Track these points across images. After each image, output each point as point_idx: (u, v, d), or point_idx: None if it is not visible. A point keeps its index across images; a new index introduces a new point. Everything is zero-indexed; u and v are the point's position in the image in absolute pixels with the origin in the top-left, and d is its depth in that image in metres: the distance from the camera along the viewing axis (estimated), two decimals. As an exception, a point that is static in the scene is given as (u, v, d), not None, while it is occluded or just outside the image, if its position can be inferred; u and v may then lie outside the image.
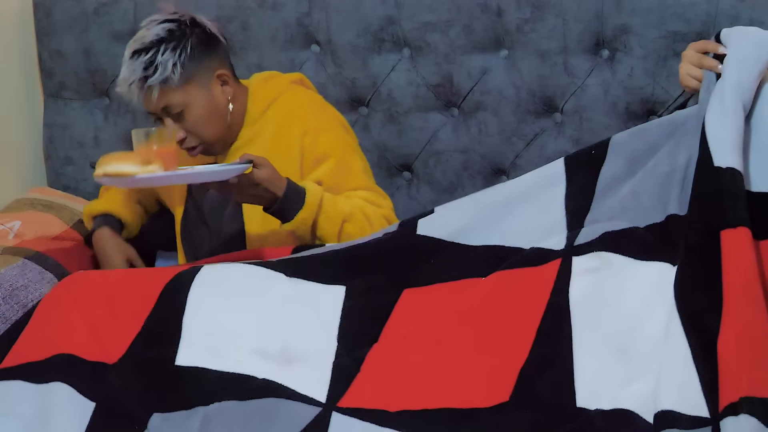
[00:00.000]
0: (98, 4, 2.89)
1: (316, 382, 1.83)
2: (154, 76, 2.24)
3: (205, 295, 1.97)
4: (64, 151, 2.99)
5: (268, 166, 2.16)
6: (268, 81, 2.44)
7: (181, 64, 2.26)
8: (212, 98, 2.32)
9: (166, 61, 2.25)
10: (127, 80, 2.26)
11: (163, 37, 2.27)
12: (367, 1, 2.69)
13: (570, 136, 2.61)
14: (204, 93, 2.31)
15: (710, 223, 1.69)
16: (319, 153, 2.35)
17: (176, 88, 2.27)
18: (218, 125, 2.34)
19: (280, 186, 2.19)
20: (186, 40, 2.28)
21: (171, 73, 2.25)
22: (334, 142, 2.38)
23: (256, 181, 2.14)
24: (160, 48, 2.25)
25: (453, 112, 2.70)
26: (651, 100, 2.54)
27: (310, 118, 2.39)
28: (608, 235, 1.84)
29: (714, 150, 1.74)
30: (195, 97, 2.29)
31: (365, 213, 2.29)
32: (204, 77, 2.30)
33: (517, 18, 2.59)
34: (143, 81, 2.25)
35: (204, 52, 2.30)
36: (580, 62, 2.58)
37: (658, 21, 2.50)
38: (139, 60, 2.25)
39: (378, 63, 2.72)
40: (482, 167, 2.69)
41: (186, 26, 2.30)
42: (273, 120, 2.38)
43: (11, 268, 2.38)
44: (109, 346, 1.94)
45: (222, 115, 2.34)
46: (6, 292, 2.29)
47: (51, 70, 2.97)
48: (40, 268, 2.43)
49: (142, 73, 2.25)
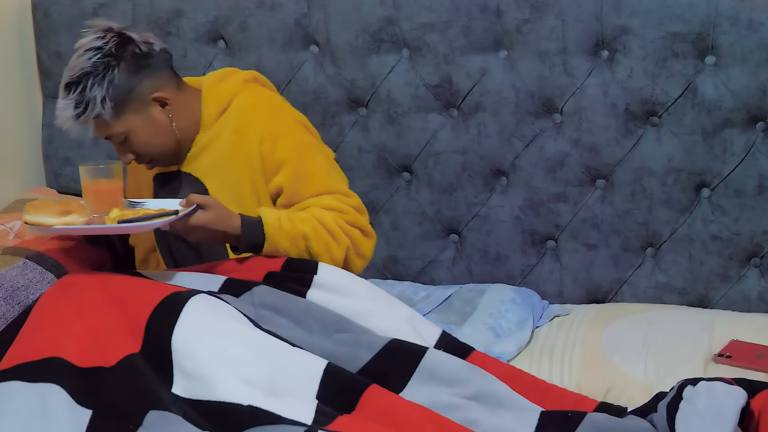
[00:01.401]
0: (97, 5, 2.88)
1: (301, 411, 1.82)
2: (86, 114, 2.18)
3: (197, 322, 1.92)
4: (63, 152, 2.99)
5: (214, 207, 2.12)
6: (222, 82, 2.36)
7: (110, 98, 2.17)
8: (153, 121, 2.25)
9: (94, 96, 2.17)
10: (62, 116, 2.21)
11: (89, 71, 2.18)
12: (366, 2, 2.69)
13: (569, 137, 2.61)
14: (142, 119, 2.24)
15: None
16: (276, 160, 2.27)
17: (111, 122, 2.21)
18: (166, 142, 2.28)
19: (233, 224, 2.15)
20: (112, 71, 2.18)
21: (101, 109, 2.18)
22: (291, 147, 2.29)
23: (199, 224, 2.10)
24: (87, 83, 2.17)
25: (452, 113, 2.70)
26: (650, 101, 2.54)
27: (265, 123, 2.30)
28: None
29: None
30: (134, 125, 2.23)
31: (325, 225, 2.22)
32: (139, 103, 2.22)
33: (516, 19, 2.59)
34: (76, 118, 2.19)
35: (135, 77, 2.21)
36: (579, 63, 2.58)
37: (657, 22, 2.49)
38: (69, 97, 2.19)
39: (377, 63, 2.71)
40: (481, 168, 2.69)
41: (112, 53, 2.19)
42: (229, 125, 2.30)
43: (12, 268, 2.37)
44: (108, 350, 1.92)
45: (167, 133, 2.27)
46: (7, 293, 2.29)
47: (50, 71, 2.96)
48: (40, 268, 2.42)
49: (74, 110, 2.19)
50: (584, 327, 2.43)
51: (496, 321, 2.46)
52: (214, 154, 2.29)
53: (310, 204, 2.26)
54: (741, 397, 1.86)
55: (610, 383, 2.23)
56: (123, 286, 2.04)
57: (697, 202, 2.56)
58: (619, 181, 2.60)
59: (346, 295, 2.15)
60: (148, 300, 1.96)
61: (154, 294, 1.98)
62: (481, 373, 1.99)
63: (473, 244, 2.73)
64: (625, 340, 2.35)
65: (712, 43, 2.47)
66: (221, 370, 1.85)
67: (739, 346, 2.28)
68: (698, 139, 2.52)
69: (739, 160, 2.50)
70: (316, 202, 2.26)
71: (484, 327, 2.44)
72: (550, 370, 2.29)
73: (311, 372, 1.90)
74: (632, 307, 2.57)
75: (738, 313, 2.52)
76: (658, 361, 2.25)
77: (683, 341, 2.32)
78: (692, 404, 1.87)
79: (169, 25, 2.83)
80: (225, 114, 2.31)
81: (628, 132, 2.57)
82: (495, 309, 2.50)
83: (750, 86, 2.46)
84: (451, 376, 1.95)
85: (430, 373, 1.96)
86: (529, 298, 2.57)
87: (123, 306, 1.98)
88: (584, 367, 2.28)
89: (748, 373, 2.13)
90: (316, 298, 2.13)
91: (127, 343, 1.92)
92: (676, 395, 1.92)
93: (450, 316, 2.49)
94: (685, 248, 2.58)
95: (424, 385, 1.95)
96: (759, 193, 2.50)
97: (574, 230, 2.65)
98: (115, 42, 2.20)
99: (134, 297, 1.99)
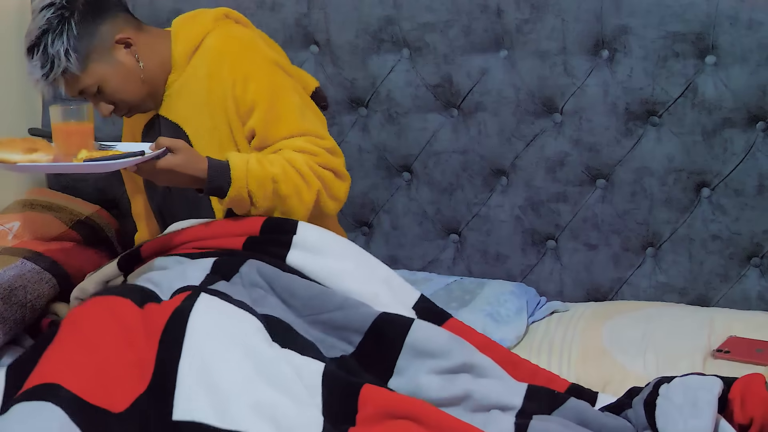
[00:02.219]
0: (97, 5, 2.88)
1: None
2: (53, 71, 2.18)
3: (200, 339, 1.88)
4: (63, 152, 2.99)
5: (183, 150, 2.10)
6: (191, 20, 2.35)
7: (73, 49, 2.18)
8: (120, 66, 2.24)
9: (57, 51, 2.17)
10: (32, 80, 2.22)
11: (46, 29, 2.18)
12: (366, 2, 2.69)
13: (570, 137, 2.61)
14: (110, 64, 2.23)
15: None
16: (248, 102, 2.25)
17: (80, 74, 2.20)
18: (137, 87, 2.27)
19: (200, 167, 2.13)
20: (68, 23, 2.18)
21: (67, 62, 2.18)
22: (261, 88, 2.26)
23: (166, 167, 2.08)
24: (47, 40, 2.17)
25: (452, 113, 2.70)
26: (651, 101, 2.54)
27: (236, 64, 2.27)
28: None
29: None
30: (103, 73, 2.23)
31: (295, 166, 2.19)
32: (102, 49, 2.22)
33: (516, 18, 2.59)
34: (46, 78, 2.20)
35: (92, 24, 2.21)
36: (579, 63, 2.58)
37: (657, 21, 2.50)
38: (33, 59, 2.20)
39: (377, 63, 2.71)
40: (482, 168, 2.69)
41: (64, 5, 2.18)
42: (202, 68, 2.29)
43: (10, 268, 2.37)
44: (115, 393, 1.84)
45: (137, 77, 2.27)
46: (5, 292, 2.29)
47: (49, 71, 2.96)
48: (38, 268, 2.42)
49: (41, 71, 2.19)
50: (583, 322, 2.44)
51: (495, 308, 2.47)
52: (189, 98, 2.29)
53: (282, 147, 2.23)
54: (716, 385, 1.87)
55: (608, 377, 2.23)
56: (128, 313, 1.96)
57: (697, 202, 2.56)
58: (620, 181, 2.60)
59: (324, 256, 2.15)
60: (152, 331, 1.91)
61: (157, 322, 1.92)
62: (465, 344, 2.03)
63: (473, 243, 2.73)
64: (625, 335, 2.35)
65: (712, 43, 2.47)
66: (230, 399, 1.82)
67: (737, 341, 2.28)
68: (698, 138, 2.52)
69: (740, 160, 2.50)
70: (287, 145, 2.23)
71: (483, 313, 2.45)
72: (548, 364, 2.29)
73: (313, 382, 1.90)
74: (632, 304, 2.57)
75: (737, 310, 2.52)
76: (657, 355, 2.26)
77: (682, 337, 2.32)
78: (669, 399, 1.88)
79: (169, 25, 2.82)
80: (196, 55, 2.30)
81: (628, 132, 2.57)
82: (494, 298, 2.51)
83: (750, 86, 2.46)
84: (437, 350, 1.98)
85: (415, 349, 1.98)
86: (525, 292, 2.58)
87: (129, 337, 1.91)
88: (583, 360, 2.29)
89: (747, 368, 2.13)
90: (296, 260, 2.14)
91: (135, 385, 1.86)
92: (652, 391, 1.93)
93: (450, 302, 2.51)
94: (685, 248, 2.58)
95: (412, 360, 1.97)
96: (759, 192, 2.50)
97: (575, 230, 2.65)
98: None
99: (139, 325, 1.94)
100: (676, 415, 1.85)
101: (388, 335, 2.01)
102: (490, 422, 1.90)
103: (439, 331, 2.04)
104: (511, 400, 1.95)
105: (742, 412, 1.87)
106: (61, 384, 1.78)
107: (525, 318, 2.47)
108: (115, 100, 2.26)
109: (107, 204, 2.95)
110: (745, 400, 1.87)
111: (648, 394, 1.94)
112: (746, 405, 1.86)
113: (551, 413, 1.94)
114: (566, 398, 1.97)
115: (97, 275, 2.29)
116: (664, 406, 1.88)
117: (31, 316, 2.33)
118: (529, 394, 1.97)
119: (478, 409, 1.94)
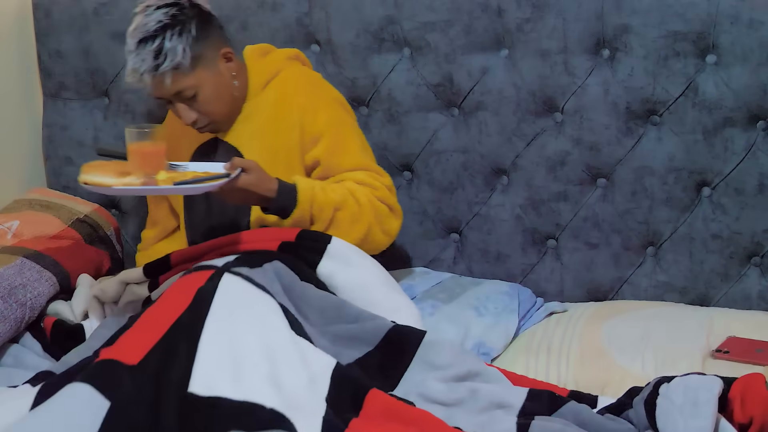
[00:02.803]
0: (98, 4, 2.88)
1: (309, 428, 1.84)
2: (165, 64, 2.26)
3: (223, 317, 1.94)
4: (64, 151, 2.99)
5: (256, 170, 2.19)
6: (266, 56, 2.47)
7: (189, 47, 2.27)
8: (220, 77, 2.35)
9: (174, 46, 2.26)
10: (138, 70, 2.27)
11: (167, 23, 2.27)
12: (367, 1, 2.69)
13: (570, 136, 2.61)
14: (212, 73, 2.33)
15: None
16: (316, 131, 2.39)
17: (187, 73, 2.28)
18: (227, 103, 2.38)
19: (270, 188, 2.22)
20: (189, 23, 2.29)
21: (181, 59, 2.27)
22: (330, 120, 2.41)
23: (242, 186, 2.16)
24: (165, 34, 2.26)
25: (453, 112, 2.70)
26: (651, 100, 2.54)
27: (308, 95, 2.42)
28: None
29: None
30: (205, 79, 2.32)
31: (355, 197, 2.32)
32: (211, 57, 2.33)
33: (517, 18, 2.59)
34: (155, 69, 2.26)
35: (207, 32, 2.32)
36: (580, 62, 2.58)
37: (658, 21, 2.50)
38: (146, 49, 2.26)
39: (378, 63, 2.72)
40: (482, 167, 2.69)
41: (185, 8, 2.30)
42: (271, 97, 2.42)
43: (9, 267, 2.38)
44: (125, 345, 1.91)
45: (229, 93, 2.38)
46: (4, 291, 2.29)
47: (50, 70, 2.97)
48: (38, 266, 2.43)
49: (153, 61, 2.26)
50: (582, 323, 2.43)
51: (483, 303, 2.48)
52: (254, 124, 2.39)
53: (344, 178, 2.37)
54: (716, 384, 1.87)
55: (607, 377, 2.23)
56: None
57: (697, 201, 2.56)
58: (620, 180, 2.60)
59: (354, 266, 2.24)
60: (185, 294, 1.98)
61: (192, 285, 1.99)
62: (473, 355, 2.11)
63: (474, 243, 2.74)
64: (624, 335, 2.35)
65: (713, 42, 2.47)
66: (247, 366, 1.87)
67: (737, 342, 2.28)
68: (699, 138, 2.52)
69: (740, 159, 2.50)
70: (350, 176, 2.37)
71: (468, 307, 2.46)
72: (547, 365, 2.29)
73: (323, 373, 1.94)
74: (631, 304, 2.56)
75: (736, 310, 2.52)
76: (656, 355, 2.25)
77: (681, 337, 2.32)
78: (669, 399, 1.88)
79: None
80: (268, 87, 2.42)
81: (628, 131, 2.57)
82: (484, 295, 2.52)
83: (751, 85, 2.46)
84: (446, 363, 2.03)
85: (426, 362, 2.03)
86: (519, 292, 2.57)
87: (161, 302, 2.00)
88: (582, 361, 2.28)
89: (747, 368, 2.13)
90: (327, 269, 2.22)
91: (148, 342, 1.91)
92: (653, 391, 1.93)
93: (439, 293, 2.53)
94: (685, 247, 2.58)
95: (420, 371, 2.03)
96: (760, 192, 2.50)
97: (575, 229, 2.65)
98: (181, 3, 2.31)
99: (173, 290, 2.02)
100: (676, 414, 1.85)
101: (400, 347, 2.06)
102: (492, 422, 1.92)
103: (449, 344, 2.11)
104: (513, 401, 1.97)
105: (742, 411, 1.87)
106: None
107: (515, 319, 2.46)
108: (204, 110, 2.34)
109: (107, 203, 2.96)
110: (745, 399, 1.87)
111: (648, 394, 1.94)
112: (746, 404, 1.87)
113: (552, 415, 1.95)
114: (567, 400, 1.99)
115: (120, 276, 2.34)
116: (664, 406, 1.89)
117: (30, 314, 2.34)
118: (531, 396, 1.99)
119: (481, 410, 1.96)
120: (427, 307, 2.45)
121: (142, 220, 2.94)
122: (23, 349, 2.32)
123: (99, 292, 2.35)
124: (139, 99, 2.91)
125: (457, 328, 2.38)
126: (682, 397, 1.87)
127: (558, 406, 1.97)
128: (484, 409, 1.96)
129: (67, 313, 2.41)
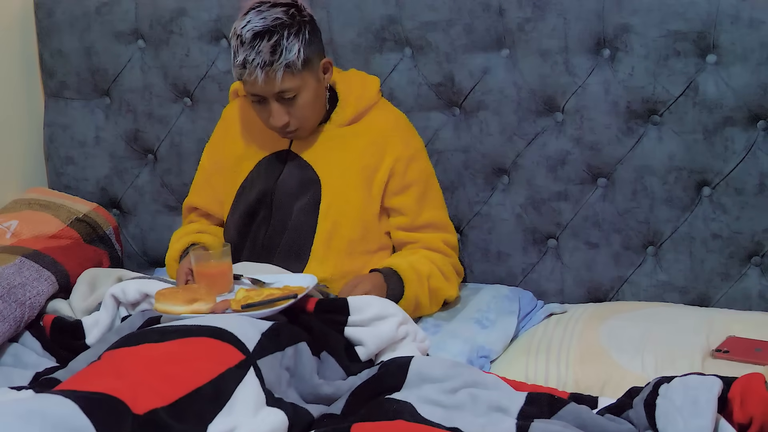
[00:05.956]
0: (99, 4, 2.89)
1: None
2: (280, 60, 2.29)
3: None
4: (65, 151, 3.00)
5: (364, 281, 2.35)
6: (363, 81, 2.54)
7: (303, 49, 2.31)
8: (320, 84, 2.41)
9: (291, 45, 2.31)
10: (251, 63, 2.29)
11: (285, 22, 2.31)
12: (369, 1, 2.69)
13: (571, 136, 2.61)
14: (314, 79, 2.39)
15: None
16: (407, 180, 2.48)
17: (296, 74, 2.33)
18: (318, 111, 2.44)
19: (378, 283, 2.36)
20: (304, 26, 2.34)
21: (295, 58, 2.31)
22: (420, 171, 2.51)
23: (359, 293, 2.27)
24: (284, 32, 2.30)
25: (454, 111, 2.71)
26: (652, 100, 2.54)
27: (405, 144, 2.51)
28: None
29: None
30: (308, 83, 2.37)
31: (438, 267, 2.46)
32: (316, 63, 2.39)
33: (518, 17, 2.59)
34: (269, 64, 2.29)
35: (315, 38, 2.38)
36: (581, 61, 2.58)
37: (658, 20, 2.50)
38: (264, 43, 2.29)
39: (379, 62, 2.72)
40: (483, 166, 2.69)
41: (303, 10, 2.36)
42: (362, 130, 2.49)
43: (8, 266, 2.38)
44: (139, 393, 1.83)
45: (323, 102, 2.45)
46: (4, 290, 2.30)
47: (52, 70, 2.97)
48: (37, 266, 2.43)
49: (269, 56, 2.29)
50: (582, 323, 2.44)
51: (484, 314, 2.49)
52: (338, 151, 2.47)
53: (421, 239, 2.49)
54: (716, 385, 1.87)
55: (606, 377, 2.23)
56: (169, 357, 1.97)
57: (698, 201, 2.56)
58: (621, 180, 2.60)
59: (372, 325, 2.20)
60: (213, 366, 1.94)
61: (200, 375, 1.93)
62: (469, 367, 2.10)
63: (475, 242, 2.74)
64: (623, 335, 2.35)
65: (713, 42, 2.47)
66: None
67: (736, 341, 2.28)
68: (699, 137, 2.52)
69: (740, 159, 2.50)
70: (428, 241, 2.49)
71: (471, 321, 2.48)
72: (546, 365, 2.29)
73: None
74: (630, 304, 2.57)
75: (736, 310, 2.53)
76: (655, 355, 2.26)
77: (681, 337, 2.32)
78: (669, 399, 1.88)
79: (172, 24, 2.83)
80: (363, 121, 2.50)
81: (629, 130, 2.57)
82: (484, 304, 2.54)
83: (751, 85, 2.46)
84: (441, 375, 2.02)
85: (420, 375, 2.02)
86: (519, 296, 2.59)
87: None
88: (581, 361, 2.29)
89: (746, 367, 2.13)
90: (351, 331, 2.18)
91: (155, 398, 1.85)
92: (652, 391, 1.93)
93: (440, 313, 2.53)
94: (686, 247, 2.58)
95: (416, 383, 2.01)
96: (760, 191, 2.50)
97: (576, 229, 2.65)
98: (297, 3, 2.37)
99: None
100: (676, 415, 1.85)
101: (391, 367, 2.05)
102: (492, 425, 1.92)
103: (440, 359, 2.15)
104: (512, 404, 1.96)
105: (742, 411, 1.87)
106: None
107: (514, 321, 2.47)
108: (299, 114, 2.39)
109: (108, 203, 2.96)
110: (745, 399, 1.87)
111: (648, 395, 1.94)
112: (746, 404, 1.87)
113: (552, 417, 1.95)
114: (566, 402, 1.98)
115: (139, 283, 2.34)
116: (664, 406, 1.89)
117: (30, 314, 2.34)
118: (530, 400, 1.99)
119: (481, 413, 1.95)
120: (429, 327, 2.46)
121: (142, 220, 2.95)
122: (23, 348, 2.31)
123: (120, 293, 2.33)
124: (141, 99, 2.91)
125: (462, 343, 2.38)
126: (682, 397, 1.87)
127: (558, 409, 1.96)
128: (483, 413, 1.96)
129: (66, 312, 2.41)
